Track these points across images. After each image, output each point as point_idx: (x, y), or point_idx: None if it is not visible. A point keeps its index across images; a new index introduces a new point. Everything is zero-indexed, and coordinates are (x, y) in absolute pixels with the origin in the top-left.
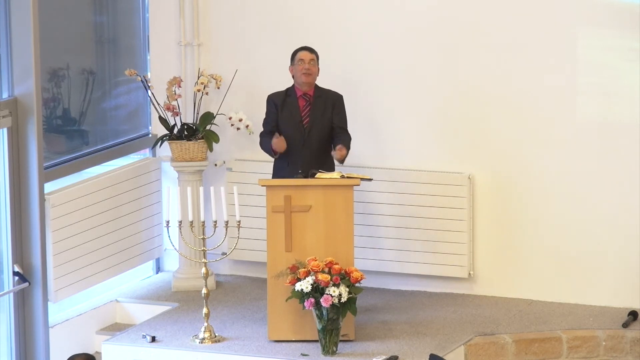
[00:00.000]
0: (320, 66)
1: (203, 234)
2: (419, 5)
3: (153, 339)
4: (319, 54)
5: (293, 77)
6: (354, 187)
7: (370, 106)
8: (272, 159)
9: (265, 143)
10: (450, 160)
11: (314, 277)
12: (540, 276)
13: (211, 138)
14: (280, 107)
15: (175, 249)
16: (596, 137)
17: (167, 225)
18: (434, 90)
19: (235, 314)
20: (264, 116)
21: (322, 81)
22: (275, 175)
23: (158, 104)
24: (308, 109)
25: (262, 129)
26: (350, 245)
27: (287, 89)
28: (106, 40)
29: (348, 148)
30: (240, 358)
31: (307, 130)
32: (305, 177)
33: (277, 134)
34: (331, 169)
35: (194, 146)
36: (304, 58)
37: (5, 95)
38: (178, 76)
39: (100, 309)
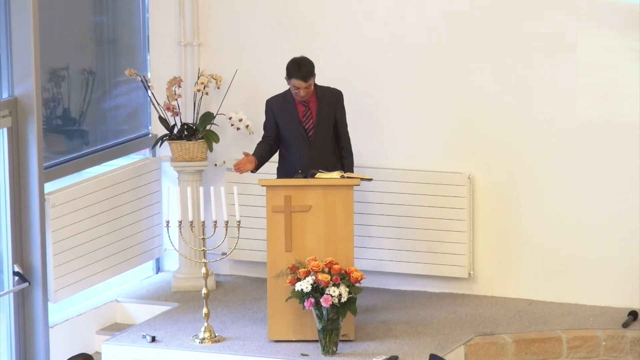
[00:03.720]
0: (320, 65)
1: (203, 234)
2: (419, 7)
3: (153, 339)
4: (314, 64)
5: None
6: (354, 187)
7: (371, 106)
8: (275, 161)
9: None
10: (450, 160)
11: (314, 277)
12: (540, 276)
13: (211, 138)
14: (278, 112)
15: (175, 249)
16: (596, 137)
17: (167, 225)
18: (434, 91)
19: (235, 314)
20: (264, 116)
21: (324, 80)
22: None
23: (158, 104)
24: (309, 112)
25: (263, 132)
26: (350, 245)
27: (286, 93)
28: (106, 40)
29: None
30: (240, 358)
31: (312, 134)
32: (305, 177)
33: (246, 153)
34: (336, 168)
35: (194, 146)
36: (299, 86)
37: (5, 95)
38: (178, 76)
39: (100, 309)
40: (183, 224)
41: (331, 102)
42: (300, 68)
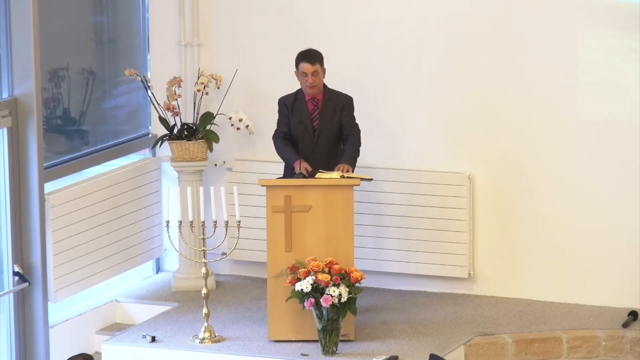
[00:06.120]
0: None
1: (203, 234)
2: (420, 7)
3: (153, 339)
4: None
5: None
6: (354, 187)
7: (371, 107)
8: (275, 161)
9: (282, 151)
10: (450, 160)
11: (314, 277)
12: (540, 276)
13: (211, 138)
14: (290, 110)
15: (175, 249)
16: (596, 137)
17: (167, 225)
18: (434, 91)
19: (235, 314)
20: (265, 117)
21: (326, 81)
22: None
23: (158, 104)
24: (317, 112)
25: (274, 130)
26: (350, 245)
27: (297, 92)
28: (106, 40)
29: (353, 162)
30: (240, 358)
31: (316, 133)
32: (305, 177)
33: (301, 162)
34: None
35: (194, 146)
36: (306, 71)
37: (5, 95)
38: (178, 76)
39: (100, 309)
40: (183, 224)
41: (337, 105)
42: (307, 52)
